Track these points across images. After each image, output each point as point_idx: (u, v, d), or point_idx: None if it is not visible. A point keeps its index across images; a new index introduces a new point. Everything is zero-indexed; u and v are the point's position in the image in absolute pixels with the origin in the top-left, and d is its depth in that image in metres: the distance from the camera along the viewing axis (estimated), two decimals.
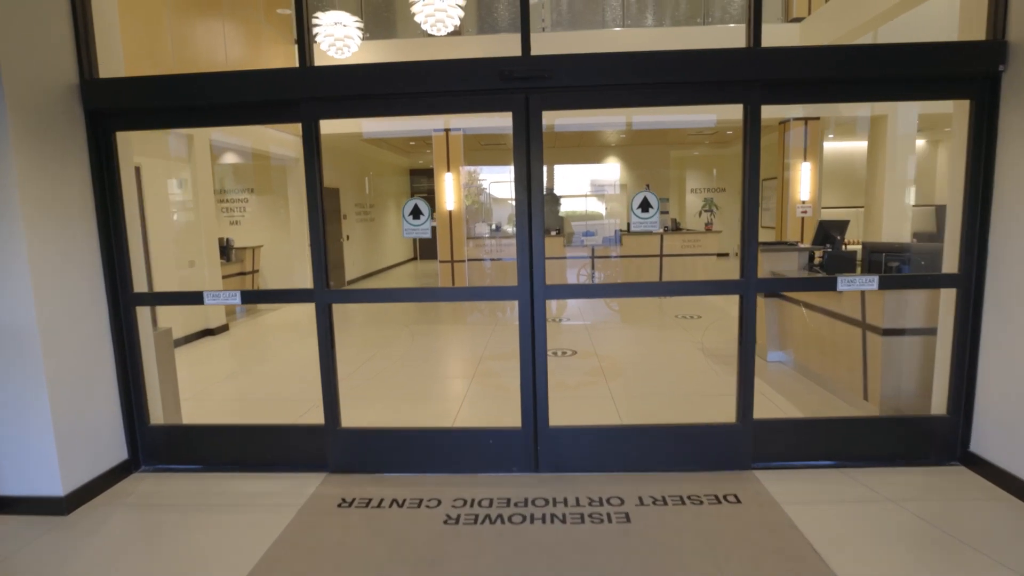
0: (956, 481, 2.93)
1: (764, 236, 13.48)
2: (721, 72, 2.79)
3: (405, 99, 2.91)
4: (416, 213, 2.99)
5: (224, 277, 8.25)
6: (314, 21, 8.65)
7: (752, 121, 2.85)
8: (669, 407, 4.23)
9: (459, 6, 8.06)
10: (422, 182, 16.79)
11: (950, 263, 3.10)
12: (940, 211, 12.35)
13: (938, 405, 3.20)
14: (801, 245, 5.46)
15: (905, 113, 8.71)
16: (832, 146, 12.50)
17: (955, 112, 3.06)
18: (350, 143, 11.20)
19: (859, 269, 5.01)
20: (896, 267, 3.85)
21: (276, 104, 2.96)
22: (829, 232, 5.24)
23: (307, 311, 3.11)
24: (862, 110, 9.06)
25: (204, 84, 2.88)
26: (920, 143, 12.42)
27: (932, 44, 2.72)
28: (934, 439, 3.11)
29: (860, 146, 12.40)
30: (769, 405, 4.06)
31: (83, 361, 2.99)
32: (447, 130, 9.30)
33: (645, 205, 2.96)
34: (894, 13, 6.08)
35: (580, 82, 2.80)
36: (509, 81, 2.78)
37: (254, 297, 3.27)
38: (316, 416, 3.28)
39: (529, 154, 2.92)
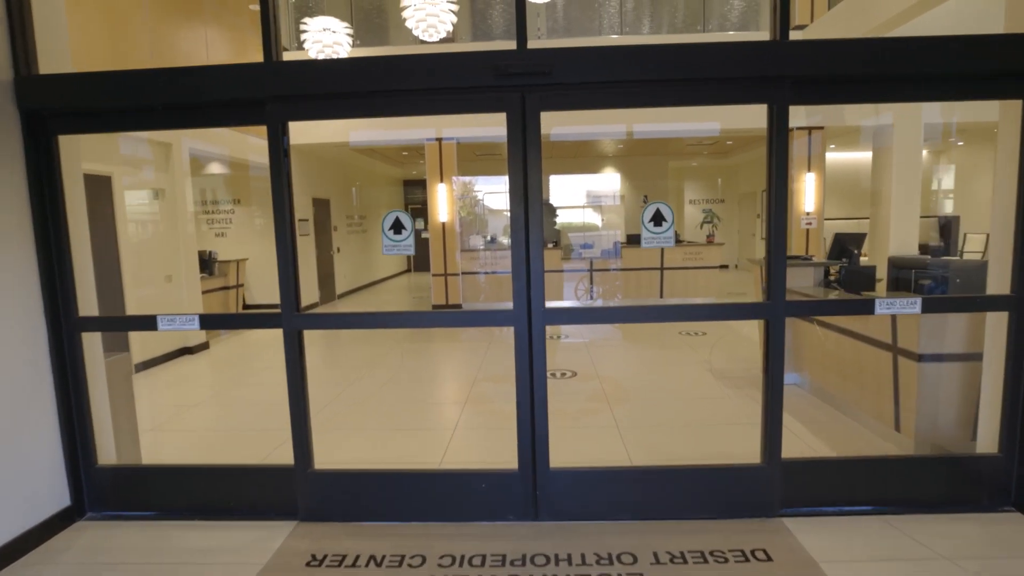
0: (1015, 531, 2.57)
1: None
2: (744, 67, 2.45)
3: (385, 98, 2.56)
4: (397, 227, 2.63)
5: (205, 292, 7.86)
6: (301, 27, 8.35)
7: (779, 124, 2.52)
8: (681, 439, 3.86)
9: (452, 11, 7.79)
10: (416, 193, 16.48)
11: (999, 283, 2.77)
12: (943, 223, 12.14)
13: (987, 442, 2.84)
14: (816, 260, 5.13)
15: (912, 122, 8.44)
16: (833, 156, 12.25)
17: (1002, 114, 2.73)
18: (340, 153, 10.88)
19: (879, 286, 4.68)
20: (928, 285, 3.52)
21: (238, 104, 2.60)
22: (845, 246, 4.91)
23: None
24: (868, 119, 8.79)
25: (155, 81, 2.52)
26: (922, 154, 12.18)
27: (985, 37, 2.40)
28: (984, 481, 2.75)
29: (860, 156, 12.17)
30: (787, 434, 3.69)
31: (13, 396, 2.60)
32: (439, 139, 8.97)
33: (658, 219, 2.61)
34: (901, 20, 5.81)
35: (583, 79, 2.46)
36: (503, 78, 2.44)
37: (214, 322, 2.90)
38: (291, 450, 2.88)
39: (526, 162, 2.57)
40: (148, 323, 2.82)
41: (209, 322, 2.83)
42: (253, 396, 5.21)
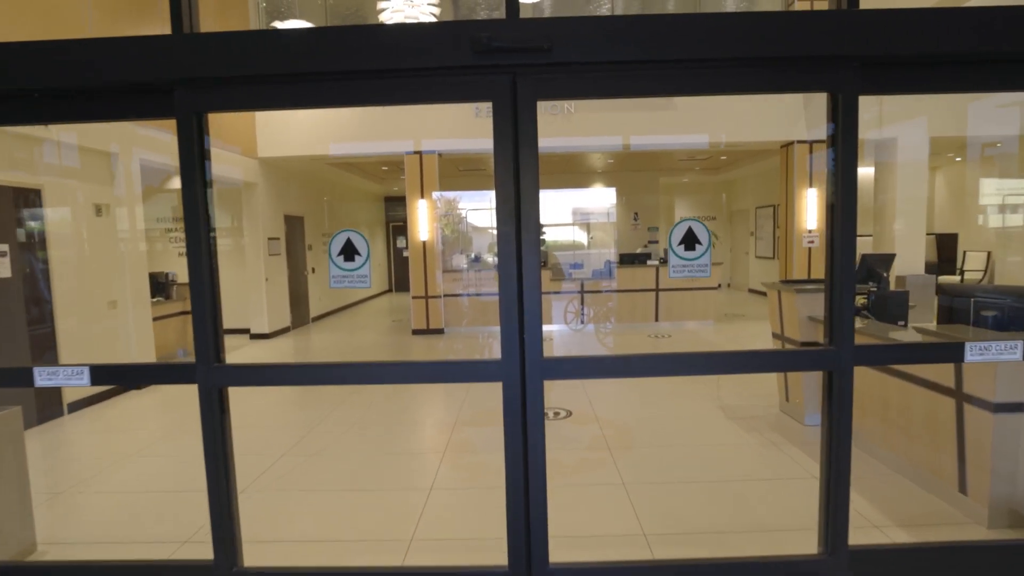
0: None
1: (764, 268, 12.74)
2: (801, 44, 1.89)
3: (334, 82, 1.95)
4: (349, 253, 2.00)
5: (159, 318, 7.12)
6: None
7: (846, 119, 1.96)
8: (701, 501, 3.23)
9: (433, 14, 7.27)
10: (399, 210, 15.86)
11: None
12: (941, 240, 11.80)
13: None
14: None
15: (918, 134, 8.07)
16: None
17: None
18: (315, 167, 10.24)
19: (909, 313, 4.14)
20: (993, 317, 2.97)
21: (139, 90, 1.97)
22: (873, 268, 4.37)
23: (276, 351, 2.07)
24: (870, 132, 8.39)
25: (21, 58, 1.89)
26: None
27: None
28: None
29: (859, 172, 11.81)
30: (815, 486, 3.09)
31: None
32: (419, 152, 8.39)
33: (690, 241, 2.02)
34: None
35: (592, 57, 1.88)
36: (488, 55, 1.85)
37: (111, 375, 2.23)
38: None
39: (518, 165, 1.97)
40: (22, 377, 2.14)
41: (105, 375, 2.16)
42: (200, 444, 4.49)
